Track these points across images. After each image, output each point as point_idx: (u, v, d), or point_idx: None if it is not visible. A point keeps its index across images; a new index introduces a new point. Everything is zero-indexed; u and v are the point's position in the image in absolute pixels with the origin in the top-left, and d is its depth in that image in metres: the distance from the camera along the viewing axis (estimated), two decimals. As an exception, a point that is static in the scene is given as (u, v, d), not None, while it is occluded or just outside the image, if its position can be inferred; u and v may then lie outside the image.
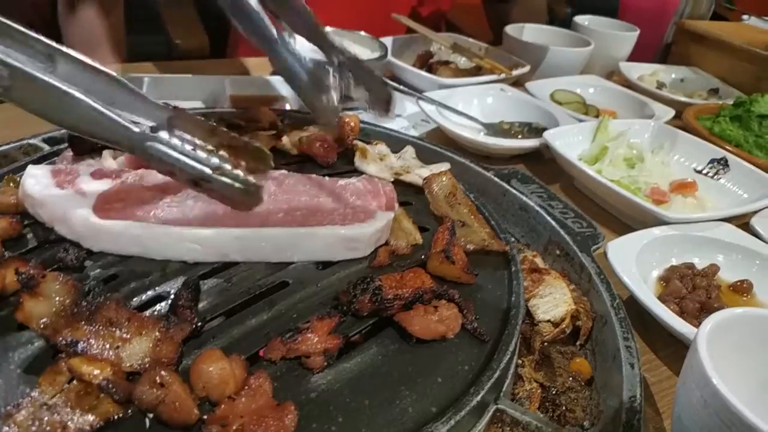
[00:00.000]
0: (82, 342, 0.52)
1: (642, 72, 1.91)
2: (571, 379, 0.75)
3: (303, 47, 0.82)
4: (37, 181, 0.68)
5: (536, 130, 1.39)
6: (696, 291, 0.93)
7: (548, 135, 1.25)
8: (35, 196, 0.66)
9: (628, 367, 0.68)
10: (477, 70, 1.74)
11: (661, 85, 1.86)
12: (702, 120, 1.52)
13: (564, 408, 0.70)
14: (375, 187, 0.76)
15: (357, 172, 0.89)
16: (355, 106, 1.48)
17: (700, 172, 1.29)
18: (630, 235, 0.96)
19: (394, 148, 1.01)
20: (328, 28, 1.62)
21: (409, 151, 0.99)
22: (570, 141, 1.28)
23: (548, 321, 0.80)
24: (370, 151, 0.94)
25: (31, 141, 0.97)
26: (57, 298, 0.54)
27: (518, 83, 1.65)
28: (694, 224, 1.03)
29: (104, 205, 0.64)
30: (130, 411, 0.49)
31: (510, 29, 1.87)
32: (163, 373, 0.48)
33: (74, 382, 0.50)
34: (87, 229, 0.63)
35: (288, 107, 1.37)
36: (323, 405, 0.53)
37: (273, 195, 0.67)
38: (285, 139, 0.93)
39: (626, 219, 1.14)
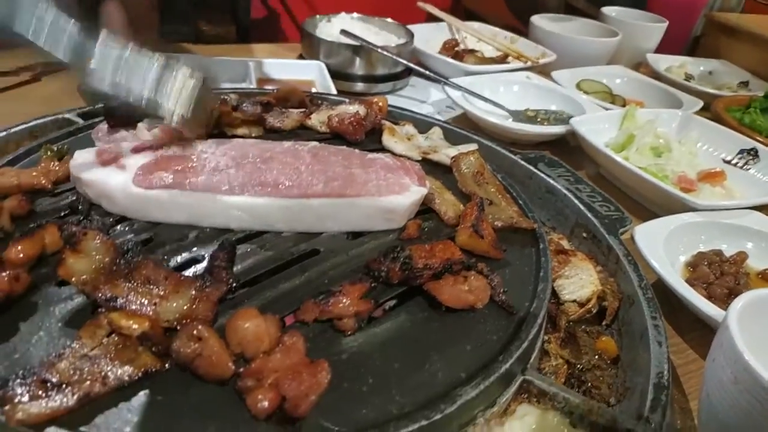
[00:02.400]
0: (121, 298, 0.53)
1: (670, 64, 1.89)
2: (596, 357, 0.75)
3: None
4: (82, 162, 0.70)
5: (562, 118, 1.39)
6: (724, 277, 0.92)
7: (575, 122, 1.25)
8: (81, 176, 0.68)
9: (656, 345, 0.68)
10: (503, 59, 1.73)
11: (689, 77, 1.83)
12: (731, 111, 1.50)
13: (589, 385, 0.70)
14: (404, 164, 0.77)
15: (384, 151, 0.90)
16: (380, 91, 1.49)
17: (728, 162, 1.27)
18: (658, 220, 0.96)
19: (420, 131, 1.01)
20: (355, 15, 1.64)
21: (436, 132, 1.00)
22: (597, 128, 1.27)
23: (574, 301, 0.81)
24: (398, 130, 0.95)
25: (66, 115, 0.99)
26: (97, 256, 0.56)
27: (544, 72, 1.64)
28: (722, 212, 1.02)
29: (145, 176, 0.65)
30: (167, 365, 0.50)
31: (536, 19, 1.86)
32: (200, 327, 0.49)
33: (113, 336, 0.51)
34: (130, 200, 0.65)
35: (314, 90, 1.38)
36: (354, 366, 0.53)
37: (309, 165, 0.68)
38: (314, 117, 0.94)
39: (653, 206, 1.13)
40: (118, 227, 0.65)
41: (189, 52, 1.53)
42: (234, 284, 0.56)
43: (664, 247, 0.91)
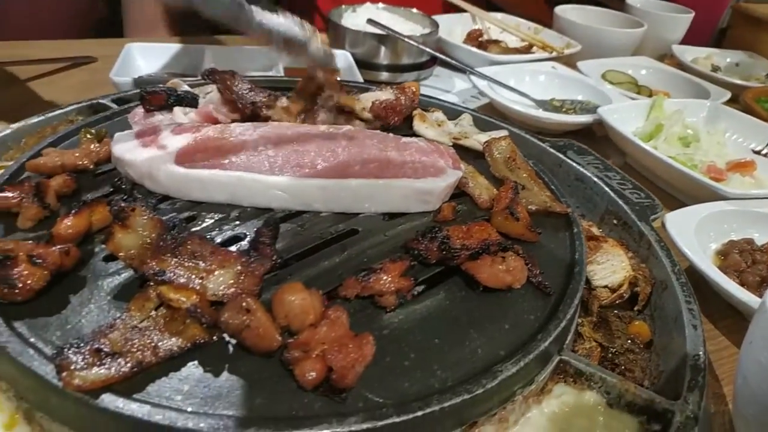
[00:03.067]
0: (168, 272, 0.54)
1: (696, 55, 1.87)
2: (629, 341, 0.75)
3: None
4: (123, 144, 0.71)
5: (588, 108, 1.38)
6: (756, 265, 0.91)
7: (603, 111, 1.24)
8: (123, 157, 0.69)
9: (691, 328, 0.68)
10: (527, 49, 1.73)
11: (715, 69, 1.82)
12: (761, 102, 1.48)
13: (623, 368, 0.70)
14: (438, 148, 0.77)
15: (416, 136, 0.90)
16: (404, 80, 1.49)
17: (759, 152, 1.26)
18: (689, 208, 0.95)
19: (449, 118, 1.01)
20: (380, 5, 1.64)
21: (466, 119, 1.00)
22: (624, 118, 1.27)
23: (605, 286, 0.81)
24: (428, 116, 0.95)
25: (101, 100, 1.01)
26: (143, 232, 0.57)
27: (569, 63, 1.63)
28: (753, 201, 1.01)
29: (187, 157, 0.66)
30: (215, 336, 0.52)
31: (561, 10, 1.85)
32: (249, 299, 0.50)
33: (162, 308, 0.53)
34: (172, 181, 0.66)
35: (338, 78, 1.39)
36: (395, 341, 0.54)
37: (346, 148, 0.69)
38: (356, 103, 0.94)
39: (681, 196, 1.13)
40: (161, 206, 0.67)
41: (214, 43, 1.54)
42: (278, 260, 0.57)
43: (695, 234, 0.91)
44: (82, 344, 0.48)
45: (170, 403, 0.47)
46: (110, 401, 0.46)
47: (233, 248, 0.61)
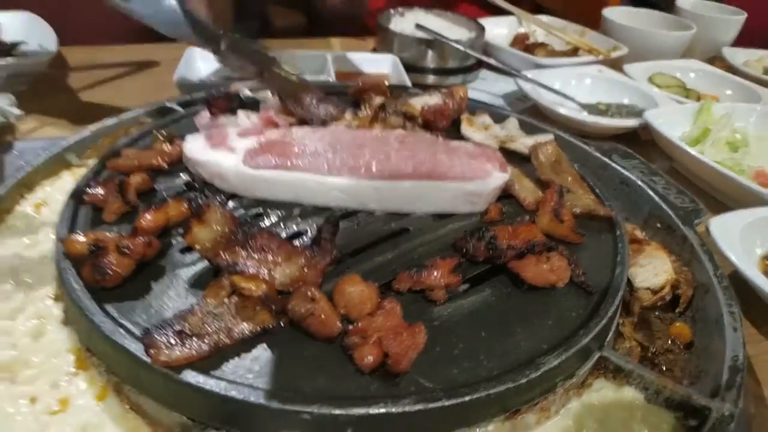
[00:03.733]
0: (240, 263, 0.60)
1: (747, 57, 1.84)
2: (670, 342, 0.77)
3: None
4: (194, 145, 0.78)
5: (634, 112, 1.39)
6: (802, 271, 0.92)
7: (649, 114, 1.25)
8: (195, 157, 0.76)
9: (731, 330, 0.70)
10: (573, 52, 1.74)
11: (767, 72, 1.78)
12: (814, 106, 1.46)
13: (663, 368, 0.73)
14: (485, 151, 0.81)
15: (463, 139, 0.94)
16: (451, 83, 1.53)
17: (810, 158, 1.24)
18: (734, 213, 0.96)
19: (499, 120, 1.05)
20: (427, 9, 1.68)
21: (512, 123, 1.03)
22: (671, 122, 1.27)
23: (647, 288, 0.83)
24: (475, 120, 0.99)
25: (167, 104, 1.08)
26: (217, 227, 0.63)
27: (616, 66, 1.63)
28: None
29: (254, 158, 0.72)
30: (281, 323, 0.57)
31: (608, 12, 1.85)
32: (313, 289, 0.55)
33: (234, 296, 0.58)
34: (240, 180, 0.72)
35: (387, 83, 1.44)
36: (445, 332, 0.59)
37: (397, 151, 0.74)
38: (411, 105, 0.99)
39: (729, 201, 1.13)
40: (230, 203, 0.73)
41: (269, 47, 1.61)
42: (339, 255, 0.62)
43: (740, 239, 0.92)
44: (166, 326, 0.55)
45: (243, 381, 0.52)
46: (192, 377, 0.52)
47: (297, 243, 0.67)
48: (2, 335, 0.63)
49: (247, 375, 0.53)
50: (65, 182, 0.90)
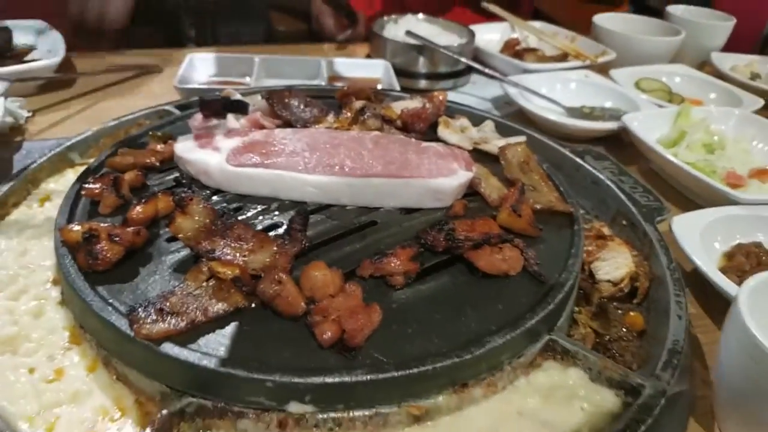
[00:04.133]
0: (218, 250, 0.67)
1: (736, 62, 1.88)
2: (624, 330, 0.82)
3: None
4: (184, 145, 0.84)
5: (617, 115, 1.44)
6: (760, 267, 0.96)
7: (627, 118, 1.31)
8: (183, 156, 0.83)
9: (675, 318, 0.76)
10: (563, 57, 1.79)
11: (755, 76, 1.82)
12: (794, 110, 1.50)
13: (614, 352, 0.78)
14: (454, 152, 0.87)
15: (440, 141, 1.00)
16: (441, 87, 1.59)
17: (784, 160, 1.29)
18: (697, 212, 1.01)
19: (474, 124, 1.11)
20: (420, 16, 1.74)
21: (488, 125, 1.09)
22: (649, 125, 1.32)
23: (608, 281, 0.88)
24: (452, 123, 1.05)
25: (166, 107, 1.15)
26: (199, 218, 0.69)
27: (604, 71, 1.68)
28: (765, 206, 1.05)
29: (236, 157, 0.79)
30: (252, 303, 0.63)
31: (599, 18, 1.90)
32: (281, 273, 0.62)
33: (212, 279, 0.65)
34: (224, 176, 0.79)
35: (380, 86, 1.50)
36: (402, 313, 0.65)
37: (371, 151, 0.80)
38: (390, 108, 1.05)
39: (699, 200, 1.18)
40: (214, 197, 0.80)
41: (265, 52, 1.68)
42: (306, 244, 0.68)
43: (702, 237, 0.97)
44: (149, 305, 0.61)
45: (215, 353, 0.58)
46: (169, 348, 0.58)
47: (272, 233, 0.73)
48: (6, 314, 0.70)
49: (220, 348, 0.59)
50: (68, 179, 0.97)
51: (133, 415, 0.62)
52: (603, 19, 1.91)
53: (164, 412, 0.59)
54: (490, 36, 1.89)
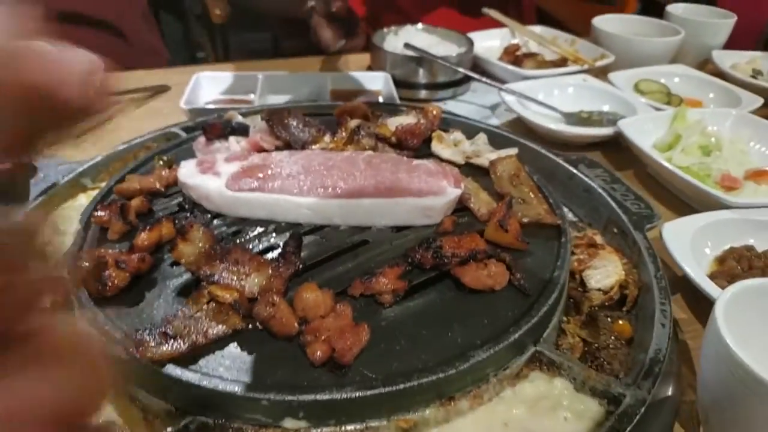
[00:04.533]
0: (217, 275, 0.71)
1: (737, 60, 1.88)
2: (613, 338, 0.85)
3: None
4: (186, 171, 0.89)
5: (615, 119, 1.46)
6: (751, 271, 0.98)
7: (622, 123, 1.33)
8: (186, 181, 0.87)
9: (659, 326, 0.78)
10: (562, 62, 1.81)
11: (756, 74, 1.82)
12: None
13: (602, 360, 0.81)
14: (443, 169, 0.90)
15: (433, 156, 1.03)
16: (441, 97, 1.62)
17: (780, 160, 1.30)
18: (687, 217, 1.03)
19: (471, 135, 1.14)
20: (420, 26, 1.77)
21: (481, 138, 1.12)
22: (645, 129, 1.34)
23: (599, 289, 0.91)
24: (445, 137, 1.08)
25: (172, 129, 1.20)
26: (199, 243, 0.74)
27: (603, 74, 1.70)
28: (757, 209, 1.07)
29: (235, 182, 0.83)
30: (250, 325, 0.67)
31: (597, 21, 1.92)
32: (274, 296, 0.66)
33: (212, 303, 0.69)
34: (223, 201, 0.83)
35: (380, 99, 1.54)
36: (390, 330, 0.68)
37: (363, 171, 0.84)
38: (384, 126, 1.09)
39: (695, 204, 1.20)
40: (215, 221, 0.84)
41: (269, 68, 1.73)
42: (300, 266, 0.72)
43: (693, 242, 0.99)
44: (153, 328, 0.65)
45: (215, 373, 0.63)
46: (172, 370, 0.63)
47: (268, 256, 0.77)
48: (24, 338, 0.75)
49: (219, 368, 0.63)
50: (81, 203, 1.02)
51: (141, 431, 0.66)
52: (602, 21, 1.93)
53: (169, 429, 0.63)
54: (490, 42, 1.91)
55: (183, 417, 0.63)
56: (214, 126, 1.02)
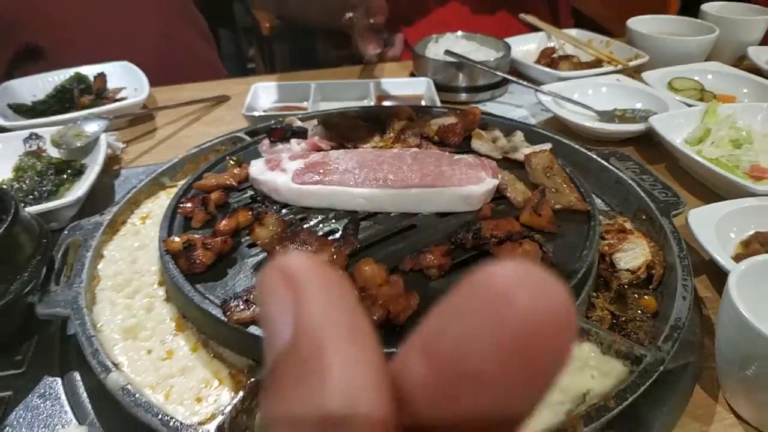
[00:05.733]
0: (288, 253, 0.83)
1: (774, 55, 1.91)
2: (639, 312, 0.94)
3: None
4: (257, 168, 1.02)
5: (647, 116, 1.53)
6: (775, 253, 1.05)
7: (654, 119, 1.40)
8: (256, 177, 1.00)
9: (681, 299, 0.86)
10: (598, 63, 1.88)
11: (794, 68, 1.85)
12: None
13: (629, 331, 0.90)
14: (483, 162, 1.01)
15: (472, 151, 1.14)
16: (480, 99, 1.72)
17: (811, 152, 1.34)
18: (713, 204, 1.10)
19: (508, 133, 1.24)
20: (459, 33, 1.88)
21: (518, 135, 1.22)
22: (676, 124, 1.41)
23: (627, 270, 1.00)
24: (484, 135, 1.18)
25: (238, 134, 1.34)
26: (272, 227, 0.87)
27: (637, 73, 1.77)
28: (782, 196, 1.13)
29: (300, 176, 0.96)
30: (317, 294, 0.79)
31: (632, 22, 1.98)
32: (338, 269, 0.77)
33: (284, 276, 0.81)
34: (290, 193, 0.96)
35: (423, 103, 1.65)
36: (437, 299, 0.79)
37: (410, 165, 0.95)
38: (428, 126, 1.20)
39: (722, 193, 1.26)
40: (283, 210, 0.97)
41: (319, 78, 1.86)
42: (357, 246, 0.84)
43: (718, 227, 1.06)
44: (237, 297, 0.78)
45: (290, 332, 0.75)
46: (254, 330, 0.75)
47: (330, 238, 0.89)
48: (126, 309, 0.89)
49: (293, 329, 0.75)
50: (162, 200, 1.16)
51: (228, 383, 0.79)
52: (636, 23, 1.99)
53: (252, 379, 0.76)
54: (527, 47, 2.00)
55: (264, 369, 0.76)
56: (277, 130, 1.16)
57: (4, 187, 1.23)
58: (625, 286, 0.98)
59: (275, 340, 0.19)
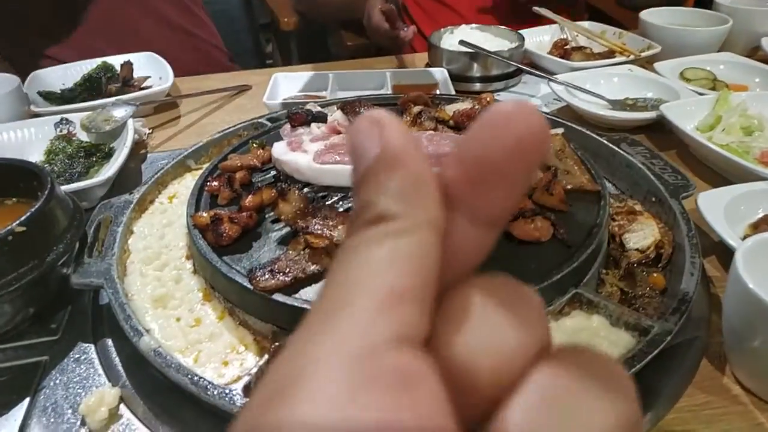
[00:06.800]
0: (311, 227, 0.87)
1: (788, 46, 1.92)
2: (648, 289, 0.97)
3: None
4: (279, 149, 1.06)
5: (658, 105, 1.55)
6: (784, 235, 1.07)
7: (665, 107, 1.42)
8: (280, 158, 1.05)
9: (688, 274, 0.89)
10: (610, 54, 1.91)
11: (807, 59, 1.86)
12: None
13: (638, 306, 0.93)
14: (498, 143, 1.04)
15: (487, 136, 1.17)
16: (494, 89, 1.76)
17: (822, 139, 1.36)
18: (721, 188, 1.13)
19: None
20: (473, 25, 1.91)
21: (531, 121, 1.25)
22: (687, 112, 1.43)
23: (636, 249, 1.03)
24: (499, 120, 1.22)
25: (259, 120, 1.38)
26: (295, 203, 0.91)
27: (649, 64, 1.79)
28: (792, 181, 1.15)
29: (321, 157, 1.00)
30: (338, 265, 0.83)
31: (645, 14, 2.00)
32: (358, 240, 0.81)
33: (307, 249, 0.86)
34: (312, 172, 1.00)
35: (438, 92, 1.68)
36: (452, 271, 0.83)
37: (425, 147, 0.99)
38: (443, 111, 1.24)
39: (732, 178, 1.28)
40: (305, 189, 1.01)
41: (337, 68, 1.90)
42: (377, 220, 0.88)
43: (727, 209, 1.08)
44: (263, 267, 0.82)
45: (312, 299, 0.79)
46: (279, 297, 0.79)
47: (350, 213, 0.93)
48: (156, 281, 0.94)
49: (313, 297, 0.80)
50: (188, 181, 1.21)
51: (253, 349, 0.83)
52: (649, 14, 2.01)
53: (276, 344, 0.80)
54: (540, 38, 2.03)
55: (287, 335, 0.80)
56: (298, 115, 1.20)
57: (37, 168, 1.28)
58: (635, 265, 1.01)
59: (364, 160, 0.26)
